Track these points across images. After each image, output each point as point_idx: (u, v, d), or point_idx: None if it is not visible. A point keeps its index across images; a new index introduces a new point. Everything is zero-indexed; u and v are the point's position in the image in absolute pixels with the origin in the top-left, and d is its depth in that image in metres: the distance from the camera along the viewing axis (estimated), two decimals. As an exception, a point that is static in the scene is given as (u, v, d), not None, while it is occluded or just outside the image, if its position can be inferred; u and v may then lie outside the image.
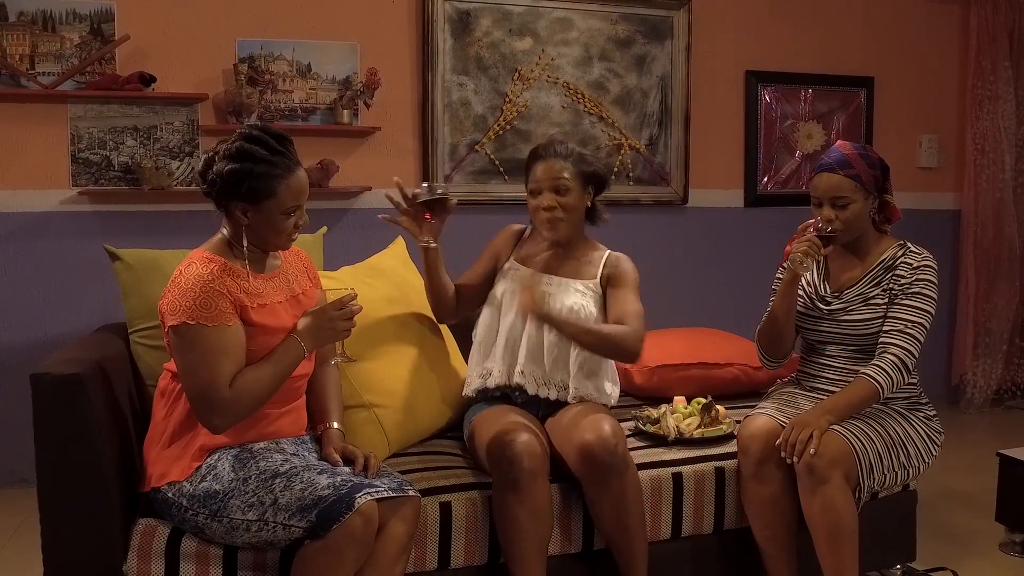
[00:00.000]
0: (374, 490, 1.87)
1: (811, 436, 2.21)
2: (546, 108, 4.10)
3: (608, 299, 2.46)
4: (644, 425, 2.59)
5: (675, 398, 2.74)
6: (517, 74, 4.04)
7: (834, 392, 2.40)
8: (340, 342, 2.07)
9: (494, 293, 2.51)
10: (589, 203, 2.51)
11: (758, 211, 4.51)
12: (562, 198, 2.42)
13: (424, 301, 2.59)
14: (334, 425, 2.15)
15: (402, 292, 2.66)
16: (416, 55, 3.92)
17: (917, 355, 2.33)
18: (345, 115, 3.76)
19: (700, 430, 2.54)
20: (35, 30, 3.48)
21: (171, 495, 1.94)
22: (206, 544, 1.98)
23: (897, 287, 2.37)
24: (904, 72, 4.75)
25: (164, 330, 1.94)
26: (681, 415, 2.60)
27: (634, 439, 2.53)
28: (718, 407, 2.62)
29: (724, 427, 2.56)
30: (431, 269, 2.46)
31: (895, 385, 2.30)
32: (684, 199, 4.35)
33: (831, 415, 2.26)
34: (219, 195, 1.96)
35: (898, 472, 2.34)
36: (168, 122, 3.65)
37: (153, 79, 3.56)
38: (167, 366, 2.06)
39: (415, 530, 2.02)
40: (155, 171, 3.56)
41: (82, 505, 1.93)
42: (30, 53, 3.48)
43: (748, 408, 2.65)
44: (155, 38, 3.62)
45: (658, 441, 2.51)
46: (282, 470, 1.90)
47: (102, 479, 1.93)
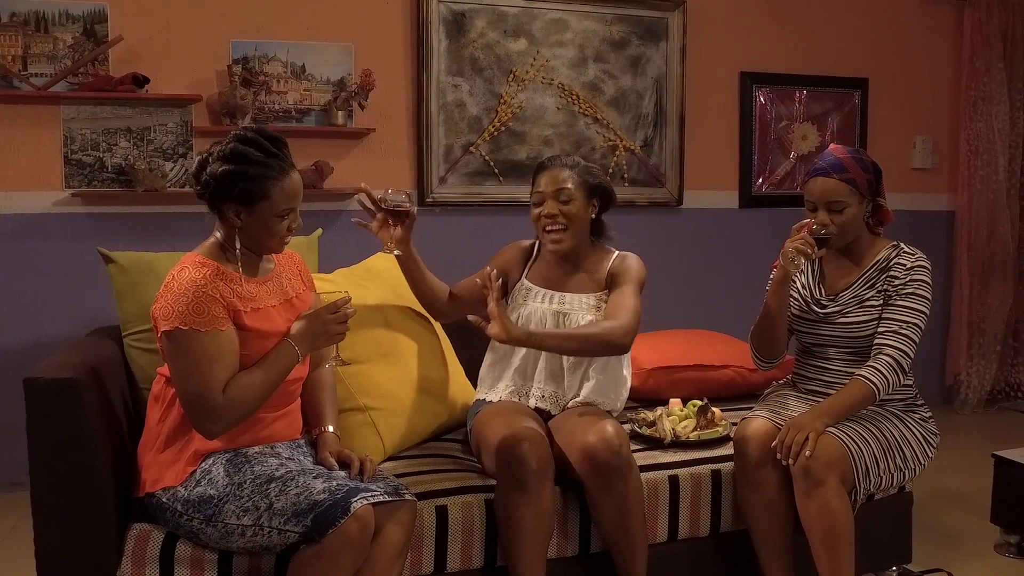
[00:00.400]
0: (370, 494, 1.86)
1: (807, 439, 2.21)
2: (541, 109, 4.09)
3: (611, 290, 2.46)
4: (640, 428, 2.58)
5: (671, 400, 2.74)
6: (512, 75, 4.03)
7: (830, 394, 2.40)
8: (335, 346, 2.06)
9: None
10: (594, 215, 2.50)
11: (753, 212, 4.51)
12: (564, 207, 2.41)
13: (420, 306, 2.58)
14: (329, 429, 2.14)
15: (397, 294, 2.65)
16: (411, 56, 3.91)
17: (912, 356, 2.33)
18: (339, 116, 3.74)
19: (696, 432, 2.54)
20: (28, 31, 3.46)
21: (165, 500, 1.93)
22: (201, 549, 1.97)
23: (891, 288, 2.37)
24: (898, 74, 4.76)
25: (157, 335, 1.93)
26: (677, 417, 2.60)
27: (630, 442, 2.52)
28: (714, 409, 2.62)
29: (720, 429, 2.56)
30: (407, 275, 2.45)
31: (891, 386, 2.30)
32: (679, 200, 4.35)
33: (827, 417, 2.26)
34: (212, 197, 1.95)
35: (894, 474, 2.34)
36: (161, 123, 3.64)
37: (146, 80, 3.54)
38: (161, 371, 2.05)
39: (411, 534, 2.02)
40: (148, 173, 3.54)
41: (76, 510, 1.92)
42: (22, 54, 3.46)
43: (744, 410, 2.64)
44: (149, 39, 3.60)
45: (654, 444, 2.51)
46: (277, 474, 1.89)
47: (96, 484, 1.92)
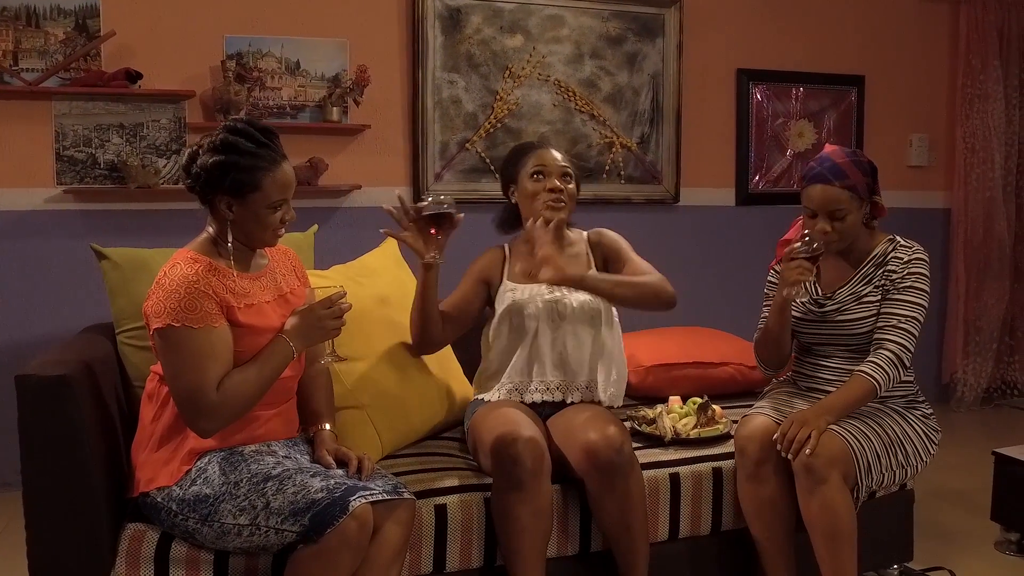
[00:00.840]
0: (368, 493, 1.84)
1: (809, 436, 2.19)
2: (537, 106, 4.07)
3: (618, 265, 2.49)
4: (640, 425, 2.56)
5: (670, 398, 2.71)
6: (508, 71, 4.00)
7: (830, 391, 2.38)
8: (330, 341, 2.03)
9: (508, 313, 2.44)
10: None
11: (749, 210, 4.49)
12: (569, 186, 2.48)
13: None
14: (326, 427, 2.11)
15: (394, 291, 2.63)
16: (406, 52, 3.89)
17: (912, 349, 2.31)
18: (334, 113, 3.72)
19: (697, 430, 2.52)
20: (19, 25, 3.43)
21: (160, 500, 1.90)
22: (196, 549, 1.94)
23: (889, 282, 2.35)
24: (895, 71, 4.75)
25: (149, 333, 1.90)
26: (677, 415, 2.58)
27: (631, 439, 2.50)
28: (714, 407, 2.60)
29: (721, 427, 2.54)
30: (429, 289, 2.36)
31: (892, 381, 2.28)
32: (675, 198, 4.33)
33: (829, 415, 2.24)
34: (203, 188, 1.92)
35: (896, 471, 2.32)
36: (155, 119, 3.60)
37: (139, 76, 3.51)
38: (154, 369, 2.02)
39: (410, 533, 1.99)
40: (141, 169, 3.51)
41: (69, 510, 1.89)
42: (13, 49, 3.42)
43: (744, 408, 2.62)
44: (141, 34, 3.57)
45: (654, 441, 2.49)
46: (274, 473, 1.86)
47: (89, 483, 1.89)
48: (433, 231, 2.27)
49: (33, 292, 3.51)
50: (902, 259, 2.36)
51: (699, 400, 2.62)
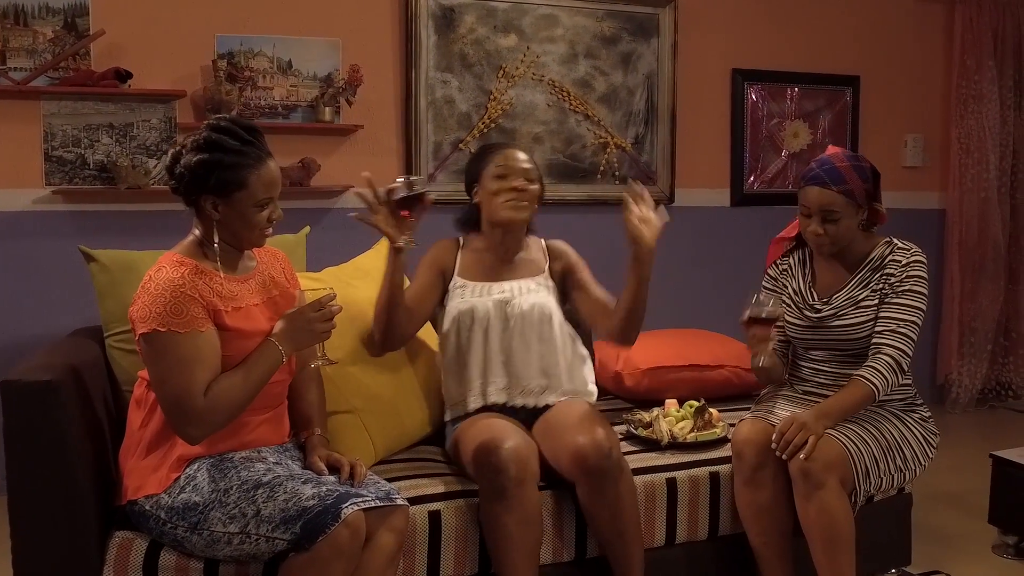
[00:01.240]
0: (361, 500, 1.81)
1: (806, 441, 2.16)
2: (531, 106, 4.04)
3: (579, 292, 2.48)
4: (636, 429, 2.54)
5: (666, 401, 2.69)
6: (502, 71, 3.98)
7: (826, 396, 2.36)
8: (320, 345, 1.99)
9: (455, 316, 2.40)
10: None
11: (744, 210, 4.47)
12: (532, 186, 2.45)
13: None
14: (318, 432, 2.07)
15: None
16: (399, 52, 3.85)
17: (911, 354, 2.29)
18: (327, 113, 3.68)
19: (693, 434, 2.50)
20: (6, 24, 3.38)
21: (148, 508, 1.86)
22: (186, 558, 1.90)
23: (887, 286, 2.33)
24: (889, 71, 4.73)
25: (135, 338, 1.86)
26: (674, 419, 2.55)
27: (626, 443, 2.48)
28: (711, 410, 2.57)
29: (718, 431, 2.52)
30: (398, 273, 2.28)
31: (890, 387, 2.26)
32: (670, 198, 4.31)
33: (827, 419, 2.22)
34: (188, 189, 1.89)
35: (894, 475, 2.31)
36: (145, 119, 3.56)
37: (129, 75, 3.47)
38: (142, 374, 1.98)
39: (404, 540, 1.96)
40: (131, 170, 3.47)
41: (55, 518, 1.85)
42: (1, 48, 3.38)
43: (741, 411, 2.61)
44: (131, 33, 3.52)
45: (651, 445, 2.46)
46: (264, 480, 1.83)
47: (76, 491, 1.86)
48: (405, 213, 2.21)
49: (21, 295, 3.46)
50: (900, 262, 2.34)
51: (696, 403, 2.59)
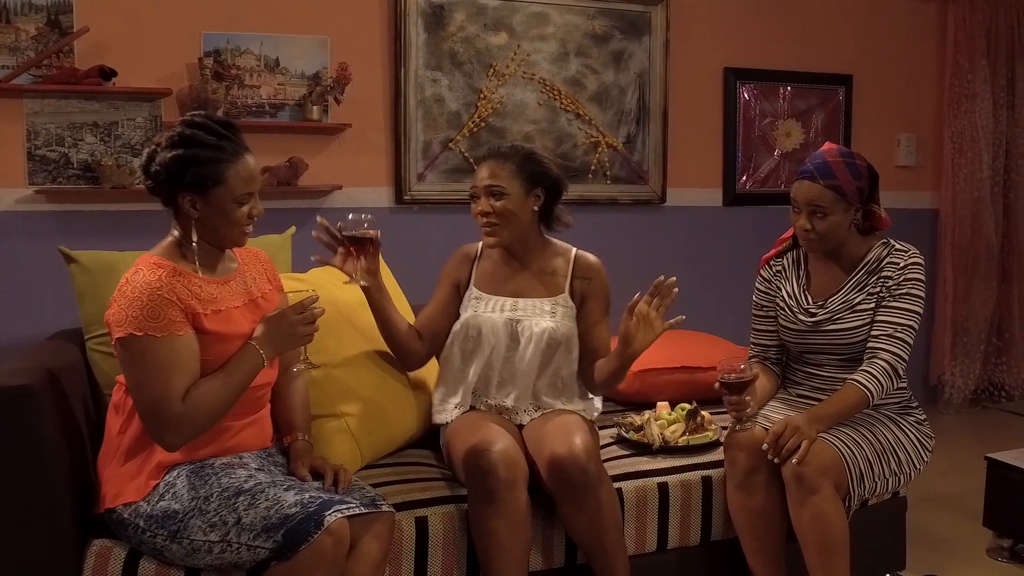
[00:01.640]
0: (345, 507, 1.77)
1: (799, 445, 2.13)
2: (522, 105, 4.00)
3: (585, 319, 2.35)
4: (627, 432, 2.50)
5: (658, 404, 2.66)
6: (492, 70, 3.93)
7: (821, 400, 2.33)
8: (303, 348, 1.95)
9: (464, 328, 2.35)
10: (536, 207, 2.36)
11: (737, 210, 4.44)
12: (497, 203, 2.29)
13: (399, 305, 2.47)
14: (301, 437, 2.03)
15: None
16: (388, 50, 3.81)
17: (907, 359, 2.26)
18: (315, 111, 3.63)
19: (685, 437, 2.46)
20: (-12, 21, 3.33)
21: (127, 516, 1.82)
22: (166, 567, 1.86)
23: (884, 289, 2.29)
24: (882, 70, 4.71)
25: (112, 342, 1.81)
26: (665, 422, 2.52)
27: (618, 447, 2.45)
28: (703, 413, 2.54)
29: (710, 434, 2.48)
30: (377, 311, 2.28)
31: (885, 392, 2.23)
32: (662, 198, 4.27)
33: (820, 423, 2.19)
34: (164, 187, 1.84)
35: (889, 479, 2.28)
36: (130, 118, 3.51)
37: (114, 73, 3.42)
38: (120, 378, 1.93)
39: (389, 548, 1.92)
40: (116, 169, 3.42)
41: (31, 526, 1.81)
42: (-17, 45, 3.33)
43: (733, 414, 2.56)
44: (116, 30, 3.47)
45: (642, 449, 2.43)
46: (246, 487, 1.79)
47: (53, 498, 1.81)
48: (353, 251, 2.19)
49: (2, 296, 3.41)
50: (898, 264, 2.30)
51: (687, 406, 2.56)
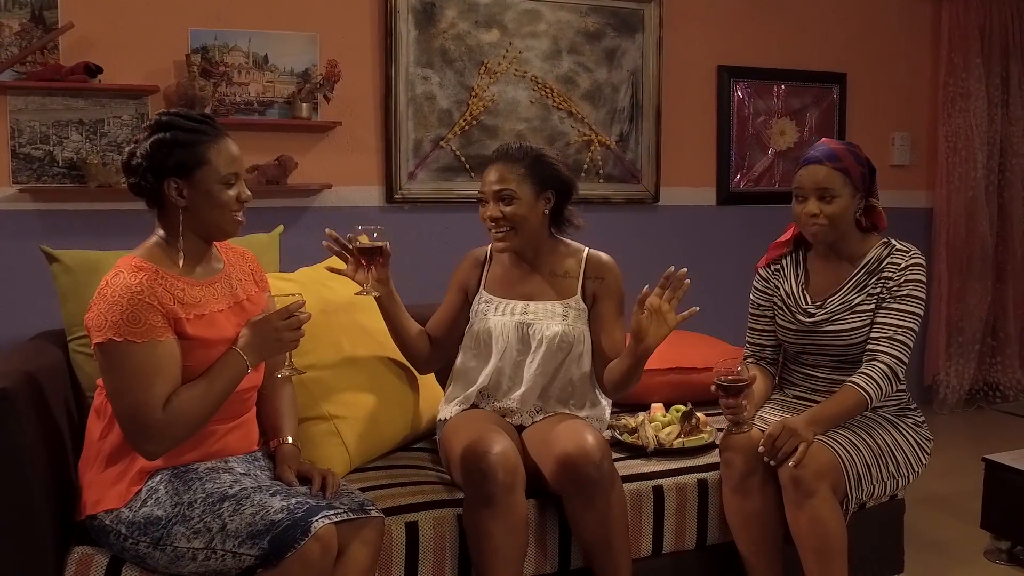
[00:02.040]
0: (332, 512, 1.72)
1: (795, 448, 2.09)
2: (514, 103, 3.96)
3: (598, 319, 2.31)
4: (621, 435, 2.46)
5: (652, 405, 2.62)
6: (484, 67, 3.89)
7: (818, 401, 2.30)
8: (288, 353, 1.90)
9: (476, 332, 2.33)
10: (547, 210, 2.32)
11: (731, 209, 4.41)
12: (507, 207, 2.25)
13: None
14: (288, 440, 1.98)
15: (364, 297, 2.50)
16: (378, 47, 3.76)
17: (907, 362, 2.23)
18: (304, 109, 3.59)
19: (680, 439, 2.43)
20: (-29, 17, 3.27)
21: (108, 522, 1.77)
22: (149, 574, 1.80)
23: (885, 290, 2.26)
24: (877, 69, 4.68)
25: (91, 346, 1.76)
26: (660, 423, 2.48)
27: (612, 450, 2.40)
28: (698, 415, 2.51)
29: (705, 436, 2.45)
30: (388, 319, 2.31)
31: (884, 395, 2.19)
32: (655, 197, 4.24)
33: (817, 426, 2.15)
34: (148, 177, 1.79)
35: (887, 482, 2.24)
36: (116, 116, 3.46)
37: (99, 70, 3.36)
38: (101, 382, 1.88)
39: (378, 554, 1.88)
40: (102, 167, 3.37)
41: (8, 534, 1.76)
42: (-35, 41, 3.27)
43: (729, 415, 2.52)
44: (102, 26, 3.42)
45: (636, 452, 2.39)
46: (231, 492, 1.74)
47: (31, 504, 1.76)
48: (364, 263, 2.19)
49: (-13, 296, 3.36)
50: (899, 265, 2.27)
51: (682, 408, 2.52)
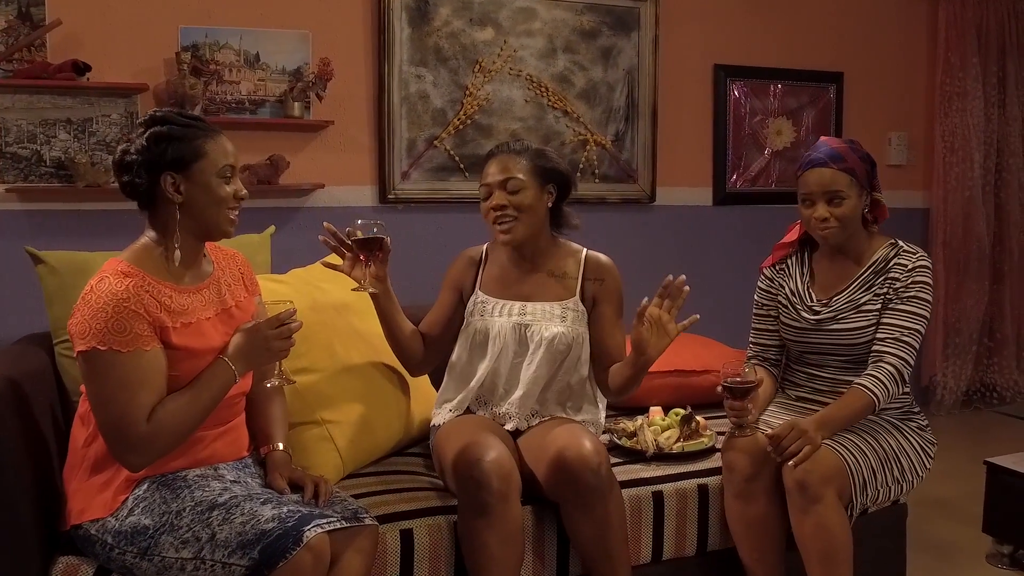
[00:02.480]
0: (325, 521, 1.67)
1: (803, 450, 2.05)
2: (508, 102, 3.91)
3: (597, 322, 2.28)
4: (620, 439, 2.42)
5: (651, 409, 2.58)
6: (478, 66, 3.85)
7: (820, 402, 2.27)
8: (278, 363, 1.85)
9: (472, 330, 2.28)
10: (550, 204, 2.29)
11: (727, 210, 4.37)
12: (514, 197, 2.21)
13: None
14: (279, 446, 1.93)
15: (358, 297, 2.45)
16: (371, 45, 3.72)
17: (913, 364, 2.20)
18: (296, 108, 3.54)
19: (680, 444, 2.38)
20: (-44, 14, 3.22)
21: (94, 532, 1.72)
22: (135, 585, 1.76)
23: (892, 291, 2.22)
24: (873, 68, 4.65)
25: (75, 354, 1.71)
26: (659, 427, 2.44)
27: (610, 454, 2.35)
28: (698, 418, 2.47)
29: (705, 440, 2.40)
30: (384, 318, 2.23)
31: (890, 397, 2.16)
32: (651, 197, 4.20)
33: (825, 430, 2.11)
34: (143, 172, 1.74)
35: (891, 487, 2.21)
36: (104, 114, 3.40)
37: (88, 68, 3.31)
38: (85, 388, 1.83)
39: (372, 563, 1.83)
40: (90, 167, 3.32)
41: (-9, 543, 1.70)
42: (-50, 39, 3.22)
43: (729, 419, 2.49)
44: (90, 23, 3.36)
45: (635, 456, 2.35)
46: (220, 501, 1.69)
47: (14, 513, 1.71)
48: (362, 258, 2.13)
49: (-28, 298, 3.30)
50: (906, 266, 2.23)
51: (681, 411, 2.48)
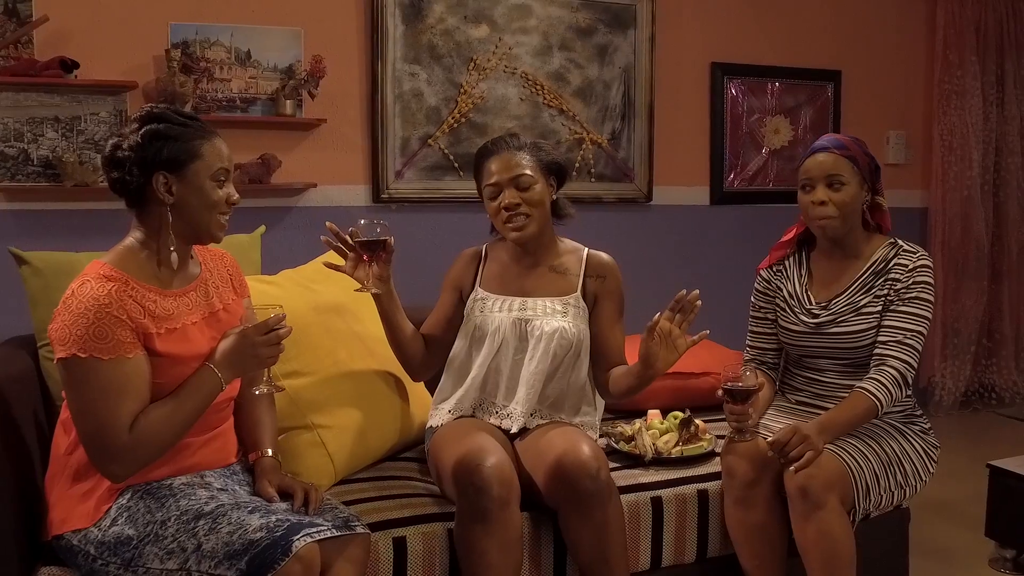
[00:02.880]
0: (315, 530, 1.62)
1: (805, 455, 2.01)
2: (503, 100, 3.87)
3: (598, 320, 2.24)
4: (617, 443, 2.37)
5: (649, 412, 2.53)
6: (473, 64, 3.80)
7: (821, 406, 2.22)
8: (266, 369, 1.80)
9: (471, 325, 2.24)
10: (554, 196, 2.27)
11: (725, 209, 4.33)
12: (526, 193, 2.17)
13: (375, 311, 2.32)
14: (268, 453, 1.88)
15: (351, 299, 2.40)
16: (365, 42, 3.67)
17: (916, 367, 2.15)
18: (288, 106, 3.49)
19: (679, 448, 2.34)
20: (-59, 10, 3.16)
21: (76, 542, 1.67)
22: (119, 597, 1.70)
23: (893, 292, 2.18)
24: (871, 66, 4.62)
25: (55, 360, 1.65)
26: (657, 431, 2.39)
27: (608, 459, 2.31)
28: (697, 422, 2.42)
29: (705, 444, 2.36)
30: (386, 320, 2.19)
31: (894, 401, 2.12)
32: (648, 196, 4.16)
33: (827, 434, 2.06)
34: (135, 170, 1.68)
35: (894, 492, 2.16)
36: (93, 112, 3.35)
37: (76, 65, 3.26)
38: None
39: (364, 572, 1.78)
40: (78, 166, 3.27)
41: (-30, 553, 1.65)
42: (-65, 35, 3.16)
43: (728, 422, 2.44)
44: (78, 20, 3.31)
45: (634, 461, 2.30)
46: (206, 510, 1.64)
47: (-6, 523, 1.66)
48: (365, 258, 2.09)
49: (-43, 300, 3.24)
50: (906, 266, 2.19)
51: (680, 415, 2.43)
